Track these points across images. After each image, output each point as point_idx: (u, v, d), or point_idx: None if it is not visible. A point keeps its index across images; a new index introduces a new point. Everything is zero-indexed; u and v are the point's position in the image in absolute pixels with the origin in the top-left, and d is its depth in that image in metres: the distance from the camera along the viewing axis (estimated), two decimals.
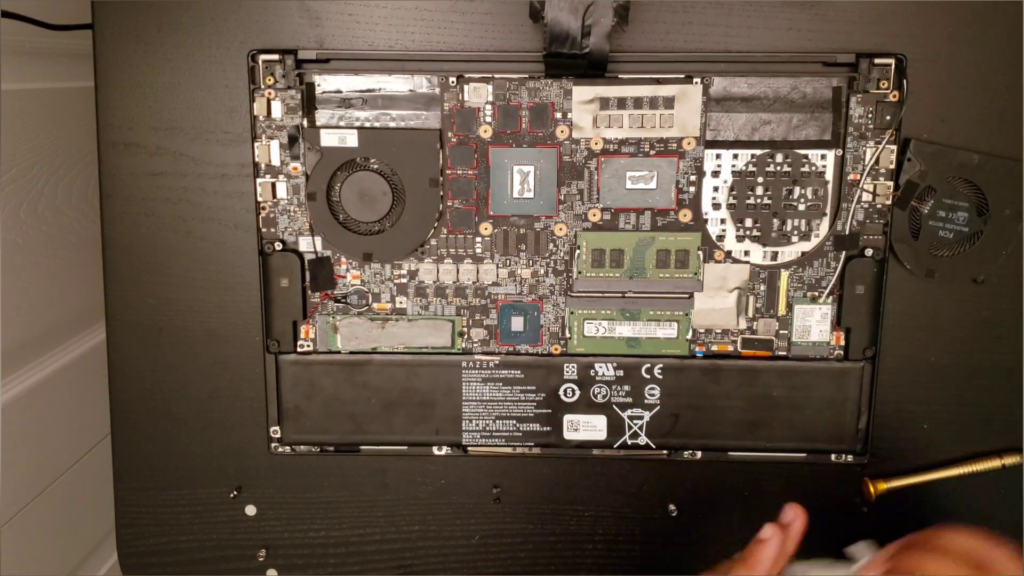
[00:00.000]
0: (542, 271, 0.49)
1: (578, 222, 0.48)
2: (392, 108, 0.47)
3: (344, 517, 0.52)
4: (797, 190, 0.48)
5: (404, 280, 0.50)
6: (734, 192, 0.48)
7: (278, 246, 0.49)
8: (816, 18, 0.46)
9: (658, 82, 0.47)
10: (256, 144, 0.48)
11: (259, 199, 0.48)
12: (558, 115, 0.47)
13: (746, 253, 0.49)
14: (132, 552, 0.52)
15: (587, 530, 0.51)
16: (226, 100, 0.47)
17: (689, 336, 0.50)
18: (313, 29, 0.47)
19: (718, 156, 0.47)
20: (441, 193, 0.48)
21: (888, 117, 0.47)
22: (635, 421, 0.50)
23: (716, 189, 0.48)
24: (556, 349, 0.50)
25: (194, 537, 0.52)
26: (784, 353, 0.50)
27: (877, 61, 0.46)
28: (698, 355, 0.50)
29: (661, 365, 0.50)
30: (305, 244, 0.49)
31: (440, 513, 0.52)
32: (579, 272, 0.49)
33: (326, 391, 0.50)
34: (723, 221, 0.48)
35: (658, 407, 0.50)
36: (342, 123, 0.48)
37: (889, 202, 0.47)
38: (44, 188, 0.63)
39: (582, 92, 0.47)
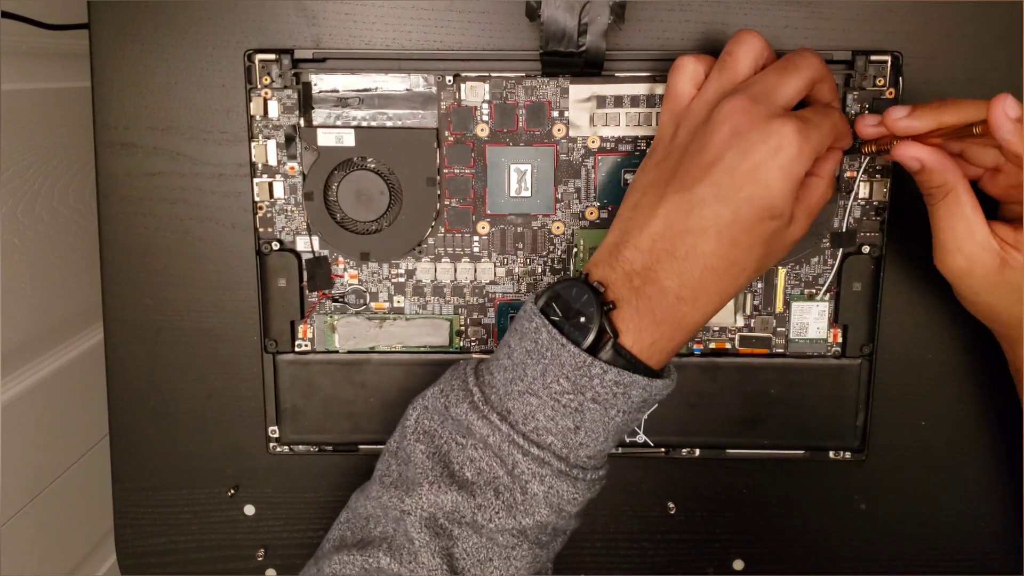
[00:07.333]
0: (539, 269, 0.49)
1: (575, 220, 0.48)
2: (389, 107, 0.47)
3: None
4: None
5: (402, 279, 0.50)
6: None
7: (275, 246, 0.49)
8: (812, 16, 0.46)
9: (655, 80, 0.47)
10: (253, 144, 0.48)
11: (256, 199, 0.48)
12: (555, 113, 0.47)
13: None
14: (131, 552, 0.52)
15: (585, 528, 0.51)
16: (223, 100, 0.47)
17: None
18: (309, 28, 0.47)
19: None
20: (438, 192, 0.48)
21: None
22: None
23: None
24: None
25: (193, 537, 0.52)
26: (781, 350, 0.50)
27: (873, 58, 0.46)
28: (695, 353, 0.50)
29: None
30: (302, 244, 0.49)
31: None
32: (576, 270, 0.49)
33: (324, 391, 0.50)
34: None
35: (656, 405, 0.50)
36: (339, 122, 0.48)
37: (886, 199, 0.48)
38: (41, 188, 0.63)
39: (579, 90, 0.47)
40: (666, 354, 0.39)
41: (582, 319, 0.38)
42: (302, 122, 0.47)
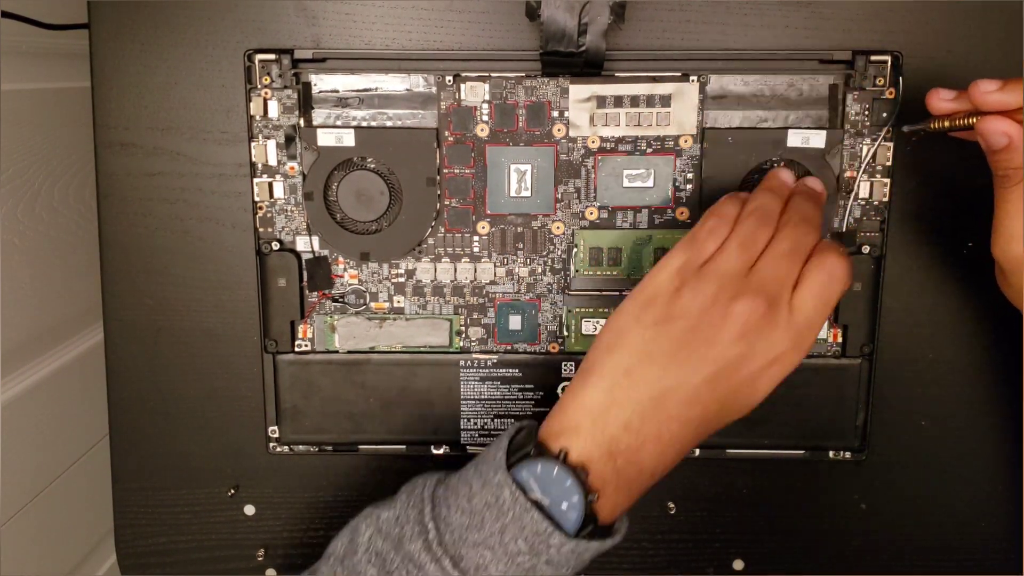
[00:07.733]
0: (540, 269, 0.49)
1: (575, 220, 0.48)
2: (389, 107, 0.47)
3: (343, 517, 0.51)
4: None
5: (402, 279, 0.50)
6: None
7: (275, 246, 0.49)
8: (813, 16, 0.46)
9: (655, 80, 0.47)
10: (253, 144, 0.48)
11: (256, 199, 0.48)
12: (555, 113, 0.47)
13: None
14: (131, 552, 0.52)
15: None
16: (223, 100, 0.47)
17: None
18: (309, 28, 0.47)
19: None
20: (438, 192, 0.48)
21: (884, 114, 0.47)
22: None
23: None
24: (554, 347, 0.50)
25: (193, 537, 0.52)
26: None
27: (873, 58, 0.46)
28: None
29: None
30: (302, 244, 0.49)
31: None
32: (576, 270, 0.49)
33: (324, 391, 0.50)
34: None
35: None
36: (339, 122, 0.48)
37: (886, 199, 0.48)
38: (41, 188, 0.63)
39: (579, 90, 0.47)
40: (622, 513, 0.40)
41: (563, 505, 0.38)
42: (302, 122, 0.47)
